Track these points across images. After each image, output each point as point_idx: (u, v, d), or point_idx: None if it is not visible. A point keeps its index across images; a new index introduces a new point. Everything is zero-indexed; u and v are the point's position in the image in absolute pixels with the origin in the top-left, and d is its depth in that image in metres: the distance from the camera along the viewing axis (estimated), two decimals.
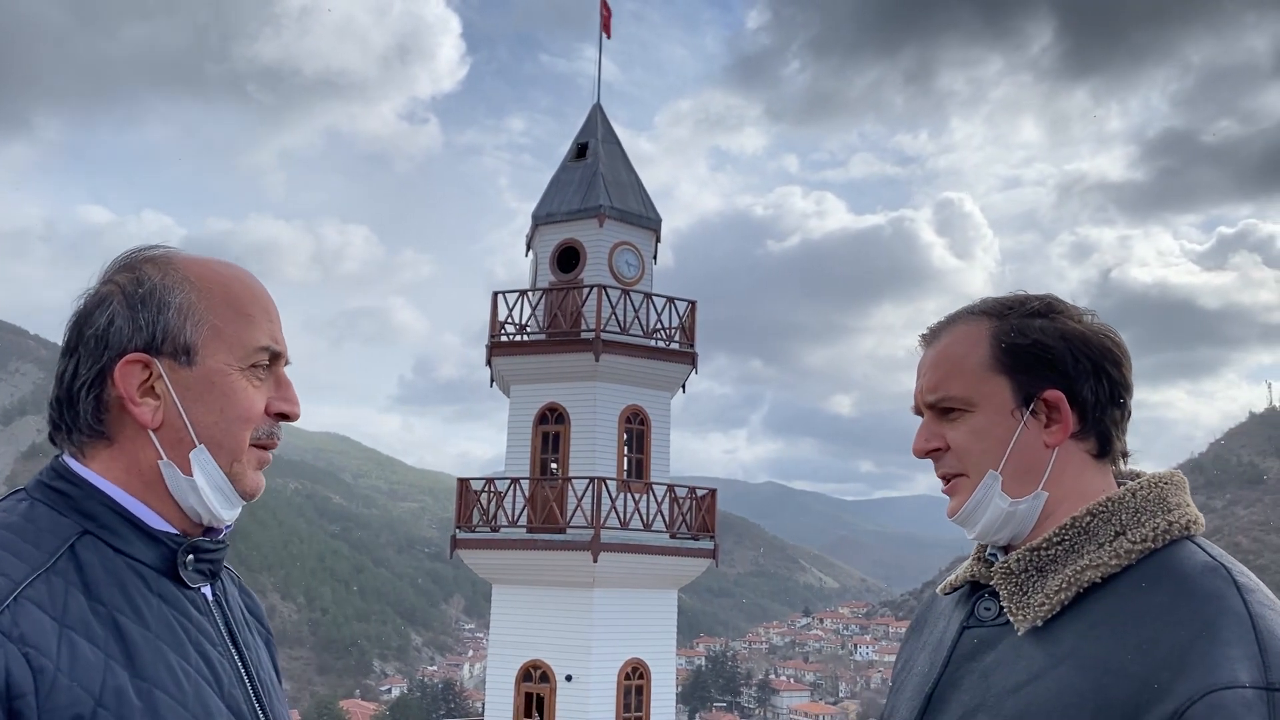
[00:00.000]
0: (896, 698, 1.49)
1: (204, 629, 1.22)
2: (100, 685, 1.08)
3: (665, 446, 19.07)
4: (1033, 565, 1.30)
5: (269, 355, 1.26)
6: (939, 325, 1.44)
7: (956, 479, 1.38)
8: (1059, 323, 1.35)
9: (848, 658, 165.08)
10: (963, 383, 1.36)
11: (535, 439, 18.52)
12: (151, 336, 1.22)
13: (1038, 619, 1.26)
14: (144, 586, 1.18)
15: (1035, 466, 1.33)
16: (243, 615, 1.37)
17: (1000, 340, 1.35)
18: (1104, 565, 1.25)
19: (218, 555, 1.28)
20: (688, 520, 18.29)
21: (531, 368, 18.54)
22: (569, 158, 20.37)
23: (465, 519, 18.22)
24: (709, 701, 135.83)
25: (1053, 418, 1.32)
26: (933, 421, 1.40)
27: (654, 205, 20.21)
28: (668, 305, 19.06)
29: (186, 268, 1.26)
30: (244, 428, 1.23)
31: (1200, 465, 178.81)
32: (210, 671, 1.19)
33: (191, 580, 1.23)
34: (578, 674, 17.14)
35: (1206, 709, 1.08)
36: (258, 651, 1.34)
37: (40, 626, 1.07)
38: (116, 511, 1.20)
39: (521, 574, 17.61)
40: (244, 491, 1.25)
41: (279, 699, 1.34)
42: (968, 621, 1.38)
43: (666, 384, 18.95)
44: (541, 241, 19.63)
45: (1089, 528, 1.29)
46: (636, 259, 19.41)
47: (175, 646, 1.17)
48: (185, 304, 1.23)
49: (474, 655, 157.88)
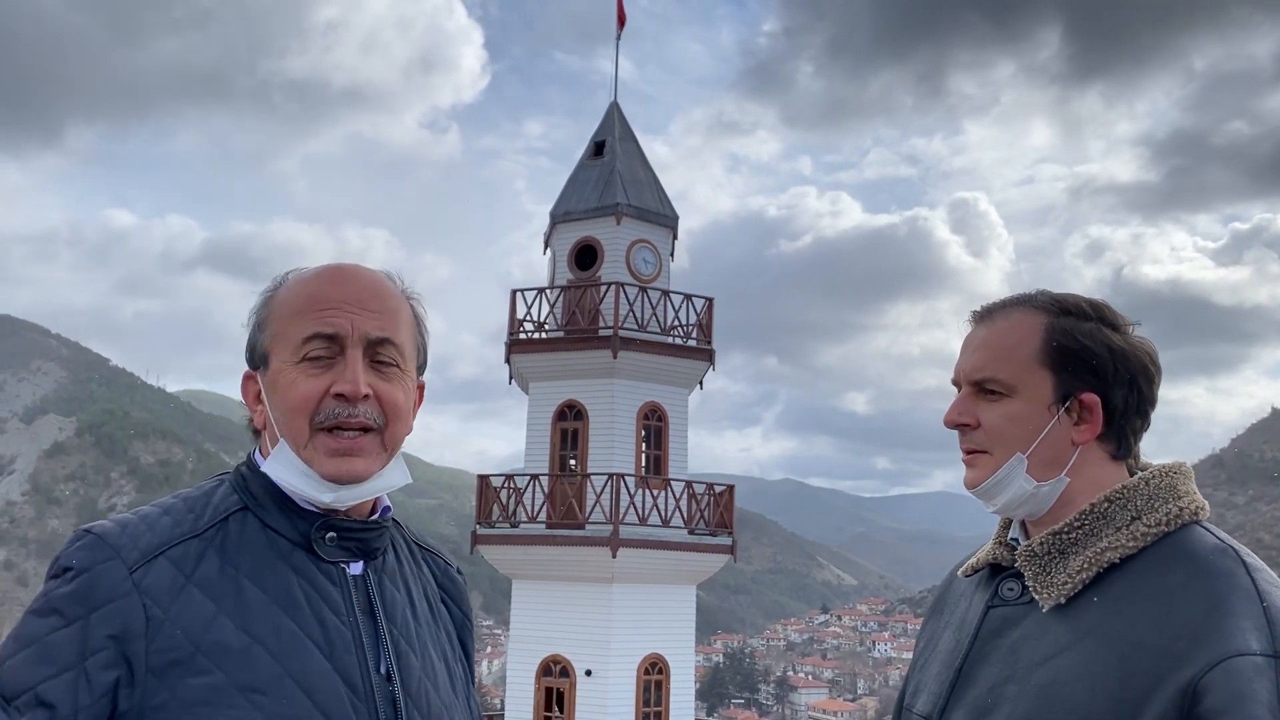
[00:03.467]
0: (922, 674, 1.57)
1: (330, 599, 1.32)
2: (203, 635, 1.22)
3: (683, 443, 19.14)
4: (1055, 548, 1.41)
5: (322, 341, 1.32)
6: (994, 306, 1.53)
7: (979, 454, 1.47)
8: (1106, 332, 1.44)
9: (866, 654, 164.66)
10: (1010, 369, 1.44)
11: (554, 436, 18.63)
12: (252, 352, 1.41)
13: (1061, 597, 1.37)
14: (277, 556, 1.32)
15: (1059, 459, 1.43)
16: (409, 595, 1.45)
17: (1053, 339, 1.43)
18: (1122, 547, 1.36)
19: (365, 535, 1.38)
20: (706, 516, 18.35)
21: (550, 365, 18.64)
22: (586, 156, 20.43)
23: (485, 515, 18.35)
24: (727, 698, 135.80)
25: (1083, 418, 1.43)
26: (969, 397, 1.49)
27: (671, 203, 20.27)
28: (685, 302, 19.12)
29: (280, 288, 1.41)
30: (296, 417, 1.32)
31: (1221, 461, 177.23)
32: (323, 636, 1.29)
33: (329, 555, 1.35)
34: (597, 669, 17.25)
35: (1222, 674, 1.19)
36: (414, 628, 1.41)
37: (166, 581, 1.24)
38: (273, 493, 1.36)
39: (541, 569, 17.72)
40: (325, 475, 1.32)
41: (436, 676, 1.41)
42: (992, 601, 1.48)
43: (684, 381, 19.01)
44: (559, 240, 19.71)
45: (1107, 513, 1.39)
46: (654, 256, 19.47)
47: (289, 610, 1.28)
48: (262, 318, 1.40)
49: (492, 652, 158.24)
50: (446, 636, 1.51)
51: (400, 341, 1.38)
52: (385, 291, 1.40)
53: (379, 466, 1.36)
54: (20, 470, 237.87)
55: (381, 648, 1.35)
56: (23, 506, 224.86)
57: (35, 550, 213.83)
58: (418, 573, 1.52)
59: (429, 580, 1.54)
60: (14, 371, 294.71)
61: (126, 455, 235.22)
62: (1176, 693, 1.21)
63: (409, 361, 1.41)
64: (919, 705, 1.53)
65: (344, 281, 1.37)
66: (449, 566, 1.62)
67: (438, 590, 1.56)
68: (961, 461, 1.52)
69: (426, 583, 1.53)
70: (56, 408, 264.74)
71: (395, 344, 1.37)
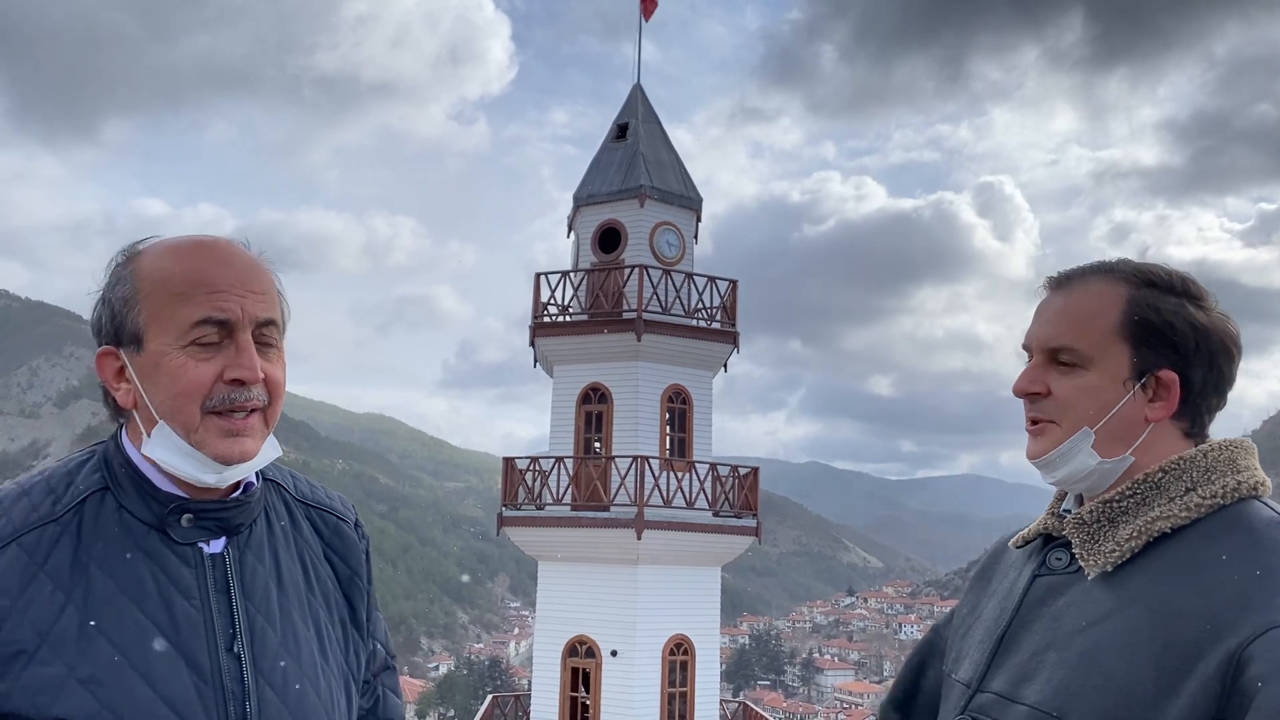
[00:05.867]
0: (963, 642, 1.56)
1: (181, 582, 1.31)
2: (50, 625, 1.24)
3: (707, 425, 19.15)
4: (1105, 516, 1.38)
5: (213, 326, 1.30)
6: (1072, 273, 1.47)
7: (1046, 424, 1.43)
8: (1189, 308, 1.38)
9: (892, 637, 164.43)
10: (1087, 340, 1.39)
11: (579, 418, 18.69)
12: (116, 329, 1.34)
13: (1107, 564, 1.34)
14: (131, 541, 1.31)
15: (1129, 434, 1.39)
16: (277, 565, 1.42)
17: (1134, 311, 1.38)
18: (1174, 517, 1.33)
19: (224, 514, 1.36)
20: (730, 498, 18.38)
21: (574, 348, 18.68)
22: (610, 138, 20.38)
23: (511, 497, 18.46)
24: (753, 680, 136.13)
25: (1159, 395, 1.38)
26: (1041, 366, 1.44)
27: (694, 185, 20.20)
28: (709, 285, 19.09)
29: (141, 260, 1.35)
30: (187, 402, 1.30)
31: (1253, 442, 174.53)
32: (169, 622, 1.29)
33: (184, 537, 1.33)
34: (623, 650, 17.36)
35: (1267, 643, 1.17)
36: (276, 600, 1.39)
37: (17, 571, 1.25)
38: (132, 475, 1.35)
39: (567, 551, 17.83)
40: (215, 457, 1.31)
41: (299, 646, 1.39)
42: (1039, 570, 1.45)
43: (708, 363, 19.00)
44: (583, 223, 19.71)
45: (1160, 483, 1.36)
46: (677, 239, 19.44)
47: (136, 598, 1.28)
48: (129, 295, 1.33)
49: (519, 633, 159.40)
50: (323, 599, 1.48)
51: (279, 321, 1.38)
52: (263, 270, 1.38)
53: (261, 445, 1.36)
54: (54, 454, 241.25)
55: (236, 625, 1.33)
56: None
57: None
58: (294, 537, 1.49)
59: (308, 541, 1.51)
60: (47, 357, 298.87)
61: None
62: (1221, 661, 1.18)
63: (282, 338, 1.40)
64: (960, 672, 1.51)
65: (229, 263, 1.34)
66: (339, 521, 1.57)
67: (321, 548, 1.52)
68: (1026, 431, 1.47)
69: (305, 544, 1.50)
70: (89, 393, 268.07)
71: (276, 324, 1.37)
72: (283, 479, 1.54)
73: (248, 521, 1.40)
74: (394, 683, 1.70)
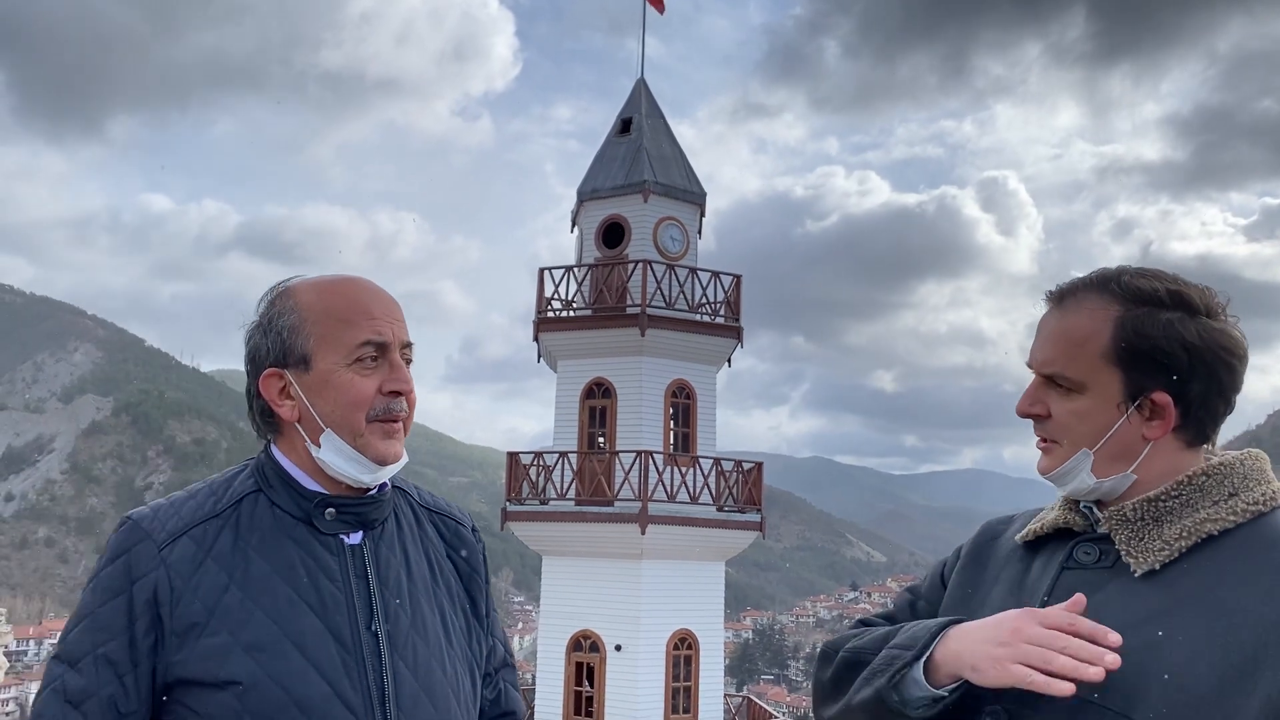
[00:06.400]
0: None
1: (326, 567, 1.55)
2: (216, 601, 1.47)
3: (711, 420, 19.16)
4: (1149, 514, 1.38)
5: (373, 347, 1.56)
6: (1067, 290, 1.47)
7: (1051, 443, 1.46)
8: (1179, 327, 1.37)
9: None
10: (1077, 366, 1.41)
11: (583, 413, 18.71)
12: (283, 353, 1.58)
13: (1156, 563, 1.34)
14: (282, 532, 1.55)
15: (1129, 453, 1.41)
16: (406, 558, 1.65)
17: (1122, 337, 1.38)
18: (1221, 520, 1.35)
19: (362, 509, 1.60)
20: (734, 493, 18.39)
21: (578, 343, 18.69)
22: (613, 133, 20.36)
23: (515, 492, 18.50)
24: (756, 674, 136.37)
25: (1155, 414, 1.39)
26: (1041, 386, 1.46)
27: (698, 179, 20.18)
28: (713, 280, 19.09)
29: (298, 293, 1.61)
30: (356, 411, 1.55)
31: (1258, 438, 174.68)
32: (317, 600, 1.51)
33: (327, 528, 1.57)
34: (627, 644, 17.39)
35: None
36: (407, 588, 1.61)
37: (188, 557, 1.50)
38: (282, 476, 1.59)
39: (571, 545, 17.86)
40: (375, 458, 1.56)
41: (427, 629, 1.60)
42: (1067, 563, 1.44)
43: (712, 358, 19.01)
44: (587, 217, 19.71)
45: (1204, 486, 1.38)
46: (681, 233, 19.43)
47: (288, 578, 1.51)
48: (296, 323, 1.58)
49: (524, 628, 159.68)
50: (448, 591, 1.70)
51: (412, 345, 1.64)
52: (398, 303, 1.65)
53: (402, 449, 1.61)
54: (60, 449, 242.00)
55: (373, 606, 1.55)
56: (62, 485, 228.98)
57: (75, 528, 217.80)
58: (420, 535, 1.71)
59: (433, 541, 1.73)
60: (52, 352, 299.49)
61: (162, 434, 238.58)
62: None
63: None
64: None
65: (378, 295, 1.61)
66: (459, 525, 1.80)
67: (444, 548, 1.75)
68: (1036, 446, 1.50)
69: (430, 543, 1.72)
70: (94, 388, 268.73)
71: (411, 347, 1.63)
72: (408, 488, 1.78)
73: (380, 518, 1.63)
74: (513, 679, 1.89)
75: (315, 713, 1.45)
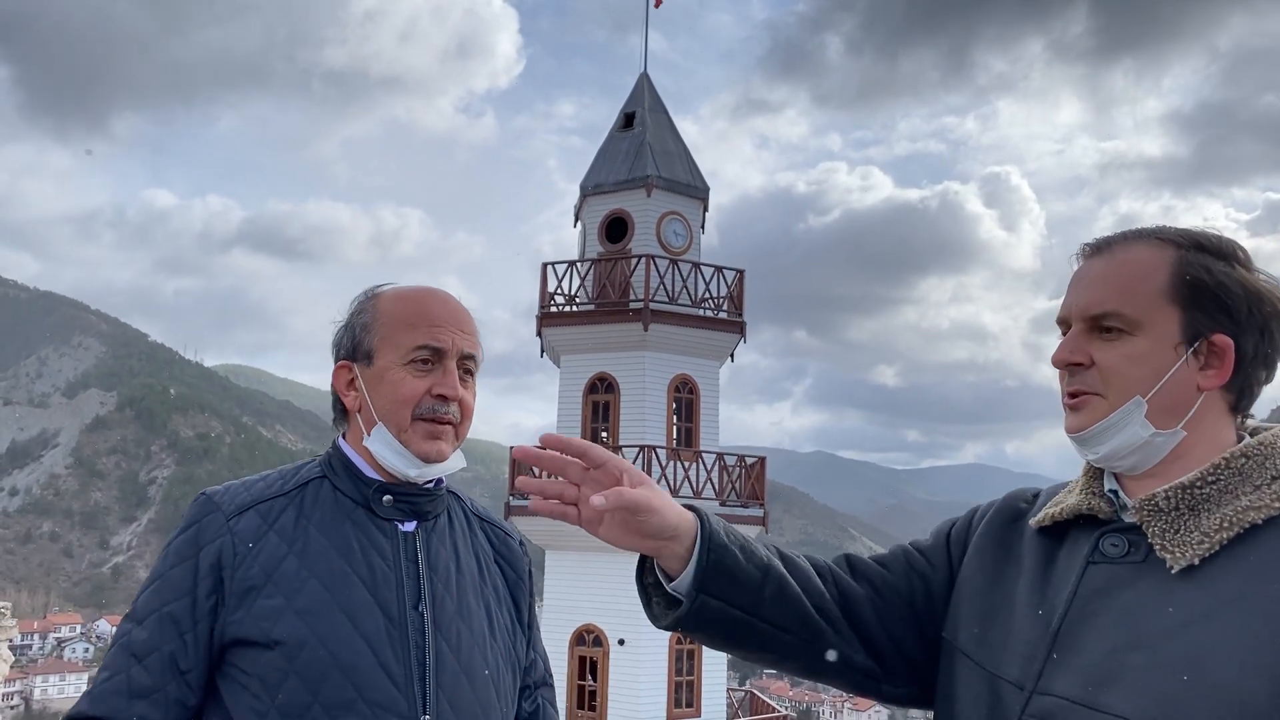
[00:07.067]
0: (990, 625, 1.38)
1: (380, 547, 1.66)
2: (275, 568, 1.59)
3: (714, 415, 19.15)
4: (1184, 504, 1.24)
5: (429, 351, 1.68)
6: (1112, 239, 1.36)
7: (1089, 396, 1.31)
8: (1239, 271, 1.29)
9: None
10: (1135, 304, 1.28)
11: (585, 408, 18.72)
12: (352, 347, 1.74)
13: (1195, 558, 1.20)
14: (342, 513, 1.68)
15: (1181, 405, 1.28)
16: (456, 552, 1.75)
17: (1185, 272, 1.27)
18: (1266, 508, 1.20)
19: (417, 500, 1.72)
20: (737, 488, 18.39)
21: (581, 338, 18.69)
22: (616, 128, 20.34)
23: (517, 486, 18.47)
24: (759, 668, 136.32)
25: (1211, 362, 1.27)
26: (1083, 334, 1.33)
27: (701, 174, 20.16)
28: (716, 274, 19.06)
29: (380, 297, 1.76)
30: (402, 407, 1.67)
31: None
32: (369, 575, 1.62)
33: (384, 514, 1.69)
34: (630, 638, 17.41)
35: None
36: (455, 578, 1.71)
37: (252, 528, 1.63)
38: (345, 464, 1.73)
39: (574, 540, 17.86)
40: (417, 454, 1.67)
41: (472, 618, 1.69)
42: (1092, 556, 1.30)
43: (715, 353, 19.00)
44: (590, 212, 19.69)
45: (1244, 469, 1.24)
46: (684, 228, 19.41)
47: (343, 552, 1.63)
48: (369, 322, 1.73)
49: None
50: (494, 591, 1.79)
51: (477, 358, 1.75)
52: (471, 318, 1.76)
53: (451, 452, 1.71)
54: (64, 444, 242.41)
55: (421, 589, 1.65)
56: (66, 479, 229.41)
57: (79, 522, 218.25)
58: (471, 538, 1.82)
59: (483, 545, 1.84)
60: (56, 347, 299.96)
61: (166, 429, 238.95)
62: None
63: (477, 375, 1.77)
64: (998, 664, 1.33)
65: (447, 305, 1.74)
66: (507, 536, 1.91)
67: (492, 554, 1.85)
68: (1063, 406, 1.35)
69: (480, 547, 1.83)
70: (98, 382, 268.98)
71: (475, 360, 1.74)
72: (463, 496, 1.88)
73: (433, 512, 1.74)
74: (552, 697, 1.96)
75: (359, 678, 1.53)
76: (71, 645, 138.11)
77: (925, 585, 1.51)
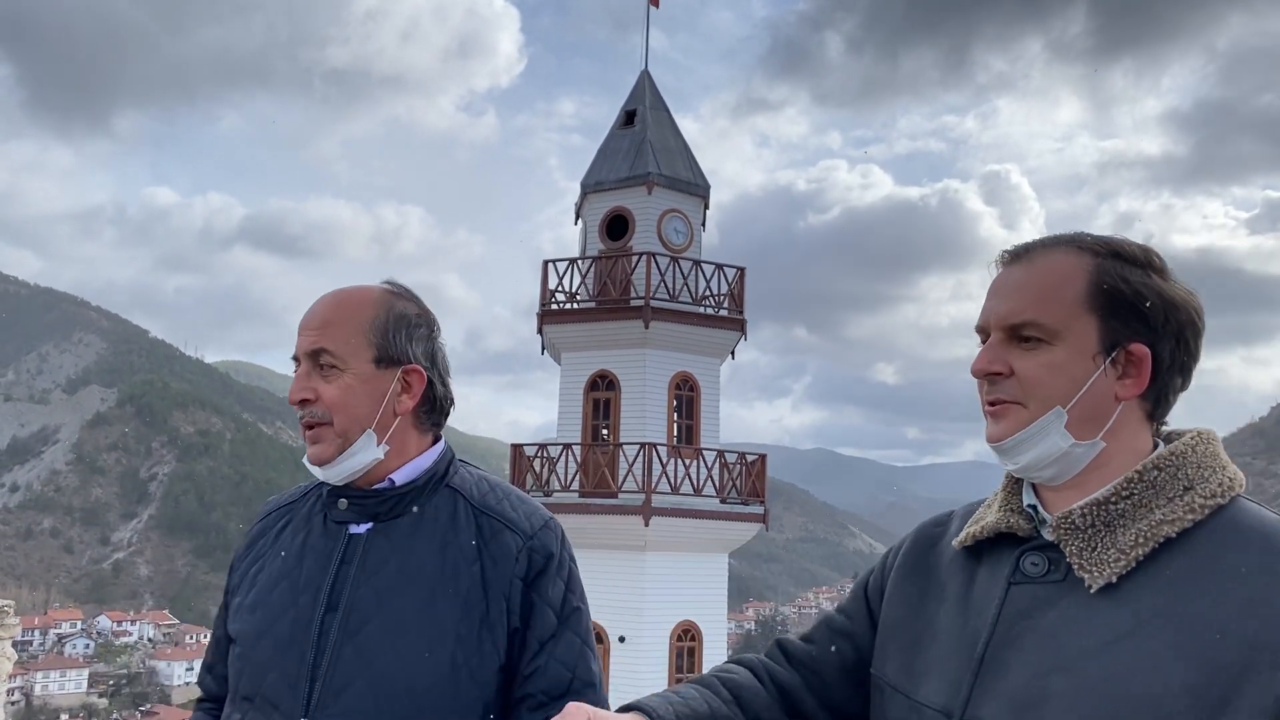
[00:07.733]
0: (915, 654, 1.38)
1: (318, 550, 1.72)
2: (248, 570, 1.79)
3: (715, 412, 19.15)
4: (1100, 520, 1.24)
5: (295, 361, 1.72)
6: (1030, 245, 1.35)
7: (1009, 405, 1.30)
8: (1155, 279, 1.28)
9: None
10: (1052, 313, 1.28)
11: (586, 405, 18.71)
12: None
13: (1112, 575, 1.20)
14: (310, 517, 1.78)
15: (1100, 415, 1.27)
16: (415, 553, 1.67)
17: (1103, 281, 1.27)
18: (1179, 520, 1.20)
19: (366, 503, 1.71)
20: (738, 485, 18.39)
21: (582, 335, 18.68)
22: (617, 125, 20.33)
23: (519, 484, 18.49)
24: None
25: (1129, 371, 1.27)
26: (1002, 344, 1.32)
27: (702, 172, 20.14)
28: (716, 272, 19.05)
29: None
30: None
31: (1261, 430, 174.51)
32: (299, 576, 1.70)
33: (336, 517, 1.73)
34: (630, 636, 17.42)
35: None
36: (395, 581, 1.64)
37: (256, 534, 1.84)
38: None
39: (574, 537, 17.56)
40: (309, 459, 1.72)
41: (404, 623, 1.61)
42: (1014, 577, 1.29)
43: (716, 350, 18.99)
44: (590, 210, 19.68)
45: (1156, 481, 1.23)
46: (685, 226, 19.40)
47: (290, 556, 1.74)
48: None
49: None
50: (466, 593, 1.64)
51: (334, 348, 1.67)
52: (327, 311, 1.70)
53: (337, 451, 1.67)
54: (64, 440, 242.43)
55: (344, 591, 1.64)
56: (67, 475, 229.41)
57: (80, 518, 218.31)
58: (455, 536, 1.69)
59: (463, 547, 1.68)
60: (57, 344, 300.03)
61: (167, 425, 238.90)
62: (1273, 699, 1.06)
63: (354, 359, 1.68)
64: (924, 693, 1.33)
65: (313, 308, 1.73)
66: (503, 528, 1.72)
67: (475, 552, 1.68)
68: (984, 414, 1.35)
69: (462, 546, 1.68)
70: (98, 379, 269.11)
71: (329, 351, 1.67)
72: (467, 490, 1.76)
73: (385, 512, 1.70)
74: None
75: (262, 674, 1.65)
76: (72, 641, 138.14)
77: (851, 643, 1.52)
